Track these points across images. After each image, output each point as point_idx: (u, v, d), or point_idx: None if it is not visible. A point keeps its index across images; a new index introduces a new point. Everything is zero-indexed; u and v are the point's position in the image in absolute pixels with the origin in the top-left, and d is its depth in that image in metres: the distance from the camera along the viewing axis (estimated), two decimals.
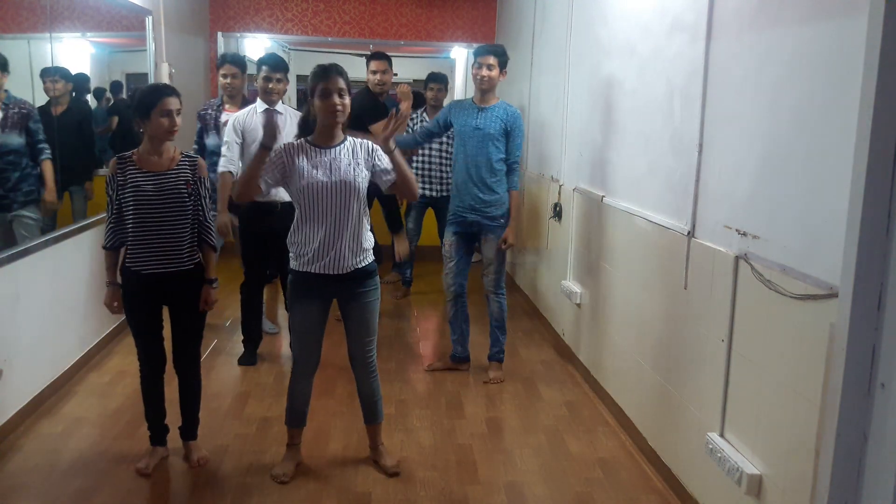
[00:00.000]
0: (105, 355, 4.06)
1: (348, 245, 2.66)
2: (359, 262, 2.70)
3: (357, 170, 2.66)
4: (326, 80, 2.60)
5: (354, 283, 2.73)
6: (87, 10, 4.34)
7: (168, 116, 2.64)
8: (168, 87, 2.78)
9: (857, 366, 1.72)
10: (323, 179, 2.61)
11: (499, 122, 3.70)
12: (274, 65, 3.78)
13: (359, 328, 2.80)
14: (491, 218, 3.78)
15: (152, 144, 2.70)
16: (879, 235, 1.67)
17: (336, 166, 2.64)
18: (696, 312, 2.61)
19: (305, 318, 2.76)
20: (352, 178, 2.63)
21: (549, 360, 4.22)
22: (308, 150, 2.66)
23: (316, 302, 2.76)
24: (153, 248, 2.70)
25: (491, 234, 3.80)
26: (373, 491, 2.77)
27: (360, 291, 2.75)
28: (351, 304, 2.78)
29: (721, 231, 2.43)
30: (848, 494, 1.77)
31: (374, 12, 6.63)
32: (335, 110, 2.60)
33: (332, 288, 2.74)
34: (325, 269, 2.66)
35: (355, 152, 2.69)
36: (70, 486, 2.73)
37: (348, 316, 2.81)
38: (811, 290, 1.92)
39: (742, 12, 2.32)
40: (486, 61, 3.67)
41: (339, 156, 2.66)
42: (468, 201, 3.77)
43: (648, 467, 2.98)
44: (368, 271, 2.75)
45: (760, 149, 2.19)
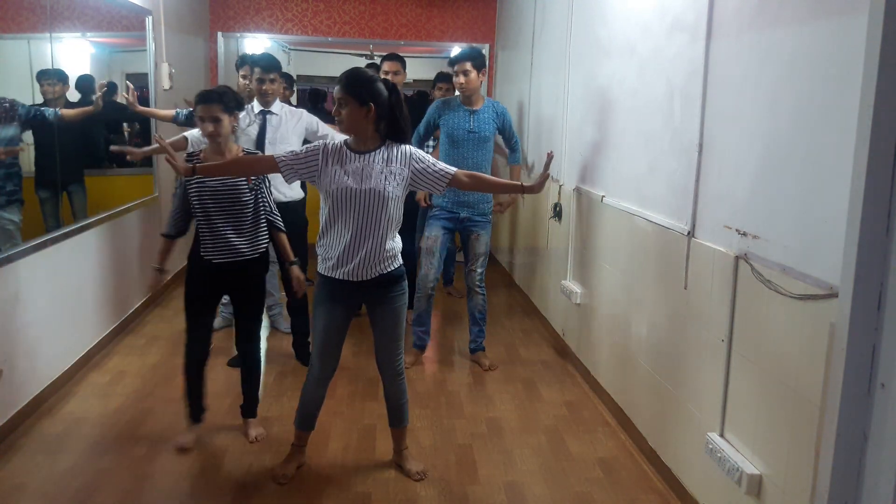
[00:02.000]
0: (105, 355, 4.06)
1: (373, 252, 2.61)
2: (384, 267, 2.66)
3: (389, 178, 2.60)
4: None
5: (380, 288, 2.69)
6: (87, 10, 4.34)
7: (211, 122, 2.82)
8: (211, 93, 2.88)
9: (857, 366, 1.72)
10: (352, 186, 2.57)
11: (492, 123, 3.86)
12: (267, 65, 3.75)
13: (387, 333, 2.77)
14: (482, 214, 3.97)
15: (212, 148, 2.93)
16: (879, 235, 1.67)
17: (367, 173, 2.58)
18: (695, 312, 2.61)
19: (328, 323, 2.72)
20: (382, 187, 2.58)
21: (549, 360, 4.22)
22: (344, 154, 2.62)
23: (339, 307, 2.73)
24: (219, 238, 2.91)
25: (482, 231, 3.99)
26: (373, 491, 2.77)
27: (388, 297, 2.71)
28: (377, 309, 2.75)
29: (721, 231, 2.43)
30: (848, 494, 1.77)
31: (373, 12, 6.63)
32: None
33: (357, 294, 2.71)
34: (349, 275, 2.63)
35: (390, 160, 2.62)
36: (70, 486, 2.73)
37: (375, 321, 2.78)
38: (811, 290, 1.92)
39: (742, 12, 2.32)
40: (463, 68, 3.79)
41: (371, 162, 2.60)
42: (461, 197, 3.87)
43: (648, 467, 2.98)
44: (395, 276, 2.71)
45: (760, 148, 2.19)
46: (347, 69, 2.63)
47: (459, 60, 3.79)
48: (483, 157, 3.85)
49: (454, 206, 3.91)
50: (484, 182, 2.86)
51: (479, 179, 2.81)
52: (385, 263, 2.66)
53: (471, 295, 4.11)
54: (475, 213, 3.94)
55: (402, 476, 2.88)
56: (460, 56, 3.82)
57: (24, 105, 3.52)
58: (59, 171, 3.69)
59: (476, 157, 3.81)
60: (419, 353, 4.13)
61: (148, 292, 2.92)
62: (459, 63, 3.78)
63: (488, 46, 6.82)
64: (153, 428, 3.22)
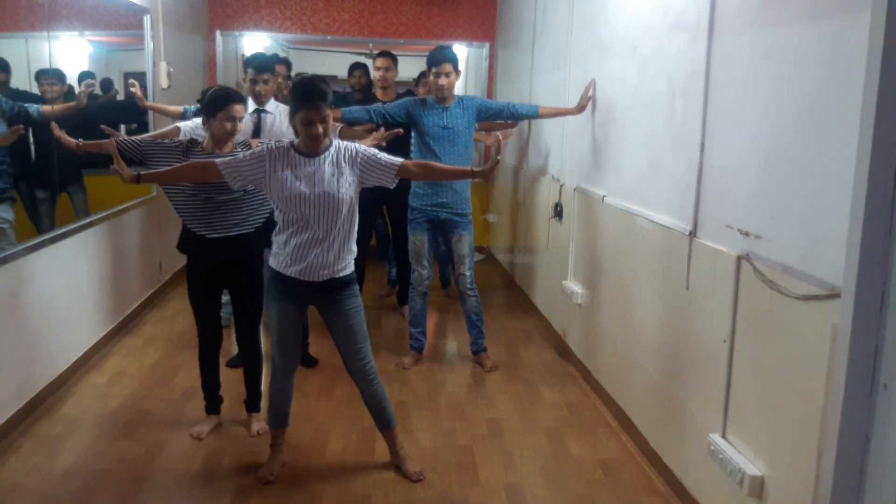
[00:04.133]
0: (103, 356, 4.05)
1: (326, 255, 2.60)
2: (336, 271, 2.64)
3: (341, 180, 2.58)
4: (309, 108, 2.49)
5: (330, 292, 2.67)
6: (85, 9, 4.33)
7: (231, 121, 2.87)
8: (237, 94, 2.93)
9: (859, 366, 1.71)
10: (305, 191, 2.54)
11: (463, 118, 3.88)
12: (260, 66, 3.74)
13: (345, 337, 2.74)
14: (461, 215, 3.98)
15: (214, 143, 2.94)
16: (882, 235, 1.66)
17: (319, 177, 2.56)
18: (697, 313, 2.60)
19: (282, 316, 2.72)
20: (335, 190, 2.56)
21: (550, 361, 4.21)
22: (292, 159, 2.58)
23: (290, 303, 2.71)
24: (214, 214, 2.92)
25: (463, 231, 3.99)
26: (372, 493, 2.76)
27: (337, 300, 2.69)
28: (330, 313, 2.73)
29: (723, 231, 2.42)
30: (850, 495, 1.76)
31: (373, 11, 6.61)
32: (313, 136, 2.53)
33: (307, 294, 2.69)
34: (300, 275, 2.61)
35: (339, 162, 2.60)
36: (68, 487, 2.72)
37: (331, 326, 2.76)
38: (813, 291, 1.91)
39: (744, 11, 2.31)
40: (444, 70, 3.81)
41: (322, 166, 2.58)
42: (440, 199, 3.90)
43: (650, 469, 2.97)
44: (345, 281, 2.68)
45: (762, 148, 2.18)
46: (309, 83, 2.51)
47: (441, 62, 3.79)
48: (458, 153, 3.85)
49: (432, 209, 3.93)
50: (434, 169, 2.89)
51: (428, 167, 2.85)
52: (335, 267, 2.64)
53: (463, 299, 4.08)
54: (454, 214, 3.94)
55: (402, 477, 2.87)
56: (441, 58, 3.80)
57: (6, 101, 3.49)
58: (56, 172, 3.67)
59: (451, 152, 3.83)
60: (417, 355, 4.11)
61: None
62: (441, 65, 3.79)
63: (488, 45, 6.81)
64: (152, 429, 3.21)
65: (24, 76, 3.65)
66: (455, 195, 3.91)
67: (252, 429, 3.19)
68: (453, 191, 3.89)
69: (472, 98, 4.03)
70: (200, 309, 3.13)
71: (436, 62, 3.80)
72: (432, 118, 3.85)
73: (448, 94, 3.87)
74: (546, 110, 4.08)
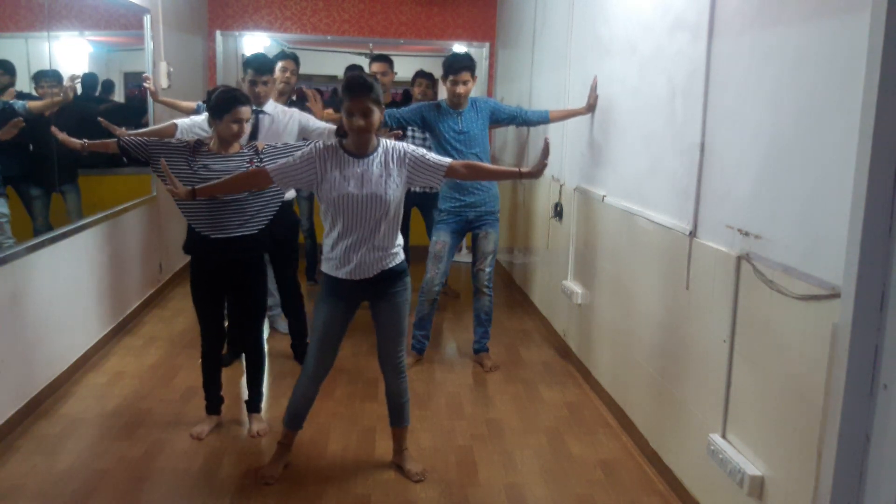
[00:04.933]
0: (103, 356, 4.05)
1: (375, 252, 2.61)
2: (386, 264, 2.65)
3: (389, 181, 2.58)
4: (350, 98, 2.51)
5: (383, 284, 2.68)
6: (85, 9, 4.33)
7: (238, 123, 2.90)
8: (243, 96, 2.96)
9: (859, 366, 1.71)
10: (353, 192, 2.55)
11: (477, 121, 3.88)
12: (259, 67, 3.72)
13: (389, 329, 2.76)
14: (490, 213, 3.99)
15: (220, 143, 2.96)
16: (882, 235, 1.66)
17: (367, 178, 2.56)
18: (697, 313, 2.60)
19: (329, 319, 2.71)
20: (383, 192, 2.56)
21: (550, 361, 4.20)
22: (341, 159, 2.59)
23: (341, 304, 2.71)
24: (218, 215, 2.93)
25: (490, 229, 4.00)
26: (372, 493, 2.75)
27: (390, 292, 2.70)
28: (380, 304, 2.73)
29: (723, 231, 2.42)
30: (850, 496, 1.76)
31: (373, 11, 6.61)
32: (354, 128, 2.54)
33: (360, 291, 2.70)
34: (351, 275, 2.62)
35: (387, 163, 2.60)
36: (68, 488, 2.72)
37: (377, 317, 2.77)
38: (813, 291, 1.90)
39: (744, 11, 2.31)
40: (463, 78, 3.81)
41: (370, 167, 2.58)
42: (468, 199, 3.90)
43: (650, 469, 2.97)
44: (398, 272, 2.70)
45: (762, 148, 2.18)
46: (356, 76, 2.56)
47: (460, 71, 3.79)
48: (475, 156, 3.86)
49: (461, 209, 3.92)
50: (481, 170, 2.86)
51: (475, 168, 2.81)
52: (387, 260, 2.66)
53: (478, 296, 4.09)
54: (484, 212, 3.96)
55: (402, 477, 2.87)
56: (460, 66, 3.80)
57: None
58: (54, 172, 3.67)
59: (469, 156, 3.84)
60: (417, 357, 4.11)
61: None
62: (460, 73, 3.79)
63: (488, 45, 6.81)
64: (151, 429, 3.21)
65: (24, 76, 3.65)
66: (483, 193, 3.91)
67: (252, 429, 3.19)
68: (481, 189, 3.89)
69: (486, 100, 4.01)
70: (203, 309, 3.13)
71: (454, 70, 3.79)
72: (448, 123, 3.85)
73: (464, 101, 3.87)
74: (556, 114, 4.06)
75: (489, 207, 3.96)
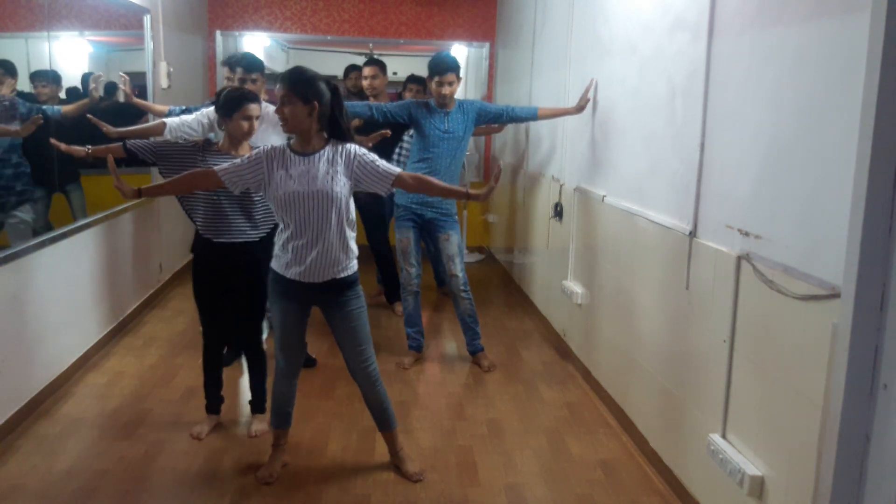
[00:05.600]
0: (103, 356, 4.05)
1: (326, 256, 2.58)
2: (337, 272, 2.63)
3: (336, 178, 2.56)
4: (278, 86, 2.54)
5: (332, 292, 2.66)
6: (85, 9, 4.33)
7: (248, 120, 2.93)
8: (252, 93, 2.98)
9: (859, 366, 1.71)
10: (298, 189, 2.53)
11: (462, 123, 3.91)
12: (249, 65, 3.70)
13: (347, 338, 2.73)
14: (447, 214, 4.00)
15: (231, 142, 2.98)
16: (882, 235, 1.65)
17: (313, 175, 2.54)
18: (697, 313, 2.60)
19: (285, 317, 2.71)
20: (328, 188, 2.54)
21: (550, 361, 4.20)
22: (287, 158, 2.58)
23: (293, 304, 2.70)
24: (222, 219, 2.95)
25: (450, 230, 4.01)
26: (372, 493, 2.75)
27: (340, 301, 2.67)
28: (332, 313, 2.71)
29: (723, 231, 2.42)
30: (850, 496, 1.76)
31: (373, 11, 6.61)
32: (282, 121, 2.55)
33: (309, 295, 2.68)
34: (301, 276, 2.61)
35: (334, 160, 2.58)
36: (68, 488, 2.72)
37: (334, 327, 2.75)
38: (813, 291, 1.90)
39: (744, 11, 2.31)
40: (448, 79, 3.84)
41: (315, 164, 2.57)
42: (425, 197, 3.90)
43: (650, 469, 2.97)
44: (348, 282, 2.67)
45: (762, 148, 2.18)
46: (291, 67, 2.59)
47: (445, 72, 3.80)
48: (455, 157, 3.91)
49: (418, 207, 3.95)
50: (429, 185, 2.76)
51: (424, 182, 2.74)
52: (337, 268, 2.62)
53: (457, 302, 4.06)
54: (440, 214, 3.96)
55: (402, 478, 2.87)
56: (445, 67, 3.81)
57: (24, 103, 3.52)
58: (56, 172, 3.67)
59: (449, 156, 3.88)
60: (417, 354, 4.11)
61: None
62: (445, 75, 3.81)
63: (488, 45, 6.81)
64: (152, 429, 3.21)
65: (24, 77, 3.65)
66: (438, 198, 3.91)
67: (252, 429, 3.19)
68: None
69: (472, 102, 4.04)
70: (205, 309, 3.14)
71: (439, 71, 3.81)
72: (434, 122, 3.87)
73: (450, 101, 3.90)
74: (545, 111, 4.08)
75: (445, 209, 3.96)
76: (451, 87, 3.84)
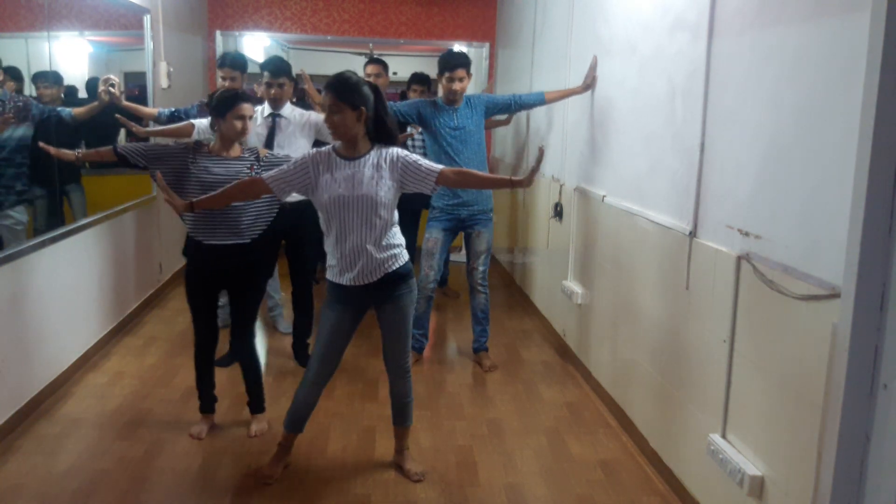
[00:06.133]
0: (103, 356, 4.05)
1: (374, 256, 2.60)
2: (388, 267, 2.65)
3: (380, 183, 2.58)
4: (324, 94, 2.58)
5: (387, 288, 2.68)
6: (85, 9, 4.33)
7: (241, 120, 2.92)
8: (245, 94, 2.99)
9: (859, 366, 1.71)
10: (344, 193, 2.55)
11: (471, 117, 3.91)
12: (275, 70, 3.72)
13: (394, 331, 2.76)
14: (482, 212, 3.99)
15: (223, 143, 2.97)
16: (882, 235, 1.65)
17: (358, 180, 2.56)
18: (697, 313, 2.60)
19: (336, 326, 2.72)
20: (374, 192, 2.56)
21: (550, 361, 4.20)
22: (333, 162, 2.60)
23: (349, 311, 2.72)
24: (215, 221, 2.92)
25: (483, 228, 4.01)
26: (372, 493, 2.75)
27: (395, 295, 2.69)
28: (385, 307, 2.73)
29: (723, 231, 2.42)
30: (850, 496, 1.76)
31: (373, 11, 6.61)
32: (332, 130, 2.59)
33: (365, 296, 2.70)
34: (354, 281, 2.63)
35: (379, 164, 2.60)
36: (68, 488, 2.72)
37: (382, 319, 2.76)
38: (813, 291, 1.90)
39: (744, 11, 2.31)
40: (458, 75, 3.85)
41: (361, 168, 2.58)
42: (461, 197, 3.90)
43: (650, 469, 2.97)
44: (401, 274, 2.69)
45: (762, 148, 2.18)
46: (334, 75, 2.60)
47: (455, 68, 3.82)
48: (471, 151, 3.89)
49: (454, 208, 3.94)
50: (471, 177, 2.80)
51: (466, 175, 2.78)
52: (388, 264, 2.65)
53: (473, 294, 4.10)
54: (476, 211, 3.97)
55: (402, 477, 2.87)
56: (456, 63, 3.83)
57: (37, 105, 3.52)
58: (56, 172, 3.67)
59: (465, 152, 3.87)
60: (417, 355, 4.11)
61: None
62: (455, 71, 3.82)
63: (488, 45, 6.81)
64: (152, 429, 3.21)
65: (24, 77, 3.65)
66: (476, 192, 3.92)
67: (251, 429, 3.19)
68: (465, 191, 3.89)
69: (479, 96, 4.05)
70: (197, 310, 3.14)
71: (450, 67, 3.82)
72: (443, 120, 3.87)
73: (460, 98, 3.90)
74: (552, 94, 4.08)
75: (482, 206, 3.97)
76: (462, 84, 3.85)
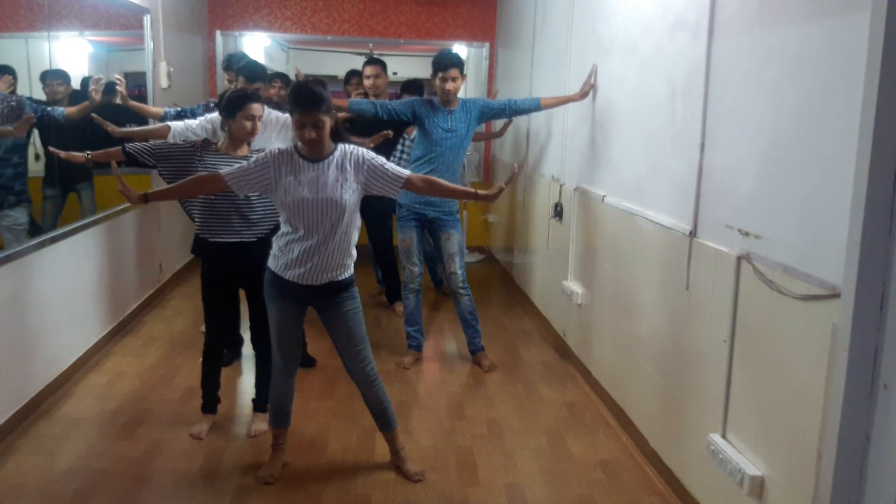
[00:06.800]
0: (103, 356, 4.05)
1: (328, 260, 2.59)
2: (335, 275, 2.64)
3: (345, 186, 2.56)
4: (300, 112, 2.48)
5: (328, 294, 2.66)
6: (85, 9, 4.33)
7: (251, 120, 2.93)
8: (255, 94, 3.00)
9: (859, 366, 1.71)
10: (308, 197, 2.53)
11: (465, 122, 3.92)
12: (251, 75, 3.72)
13: (344, 339, 2.73)
14: (449, 213, 4.01)
15: (232, 142, 2.99)
16: (882, 235, 1.66)
17: (322, 182, 2.54)
18: (697, 313, 2.60)
19: (282, 317, 2.71)
20: (338, 196, 2.54)
21: (550, 361, 4.20)
22: (296, 164, 2.57)
23: (290, 304, 2.70)
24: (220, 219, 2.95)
25: (451, 230, 4.02)
26: (372, 493, 2.75)
27: (335, 301, 2.68)
28: (327, 315, 2.72)
29: (723, 231, 2.42)
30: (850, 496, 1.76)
31: (373, 10, 6.61)
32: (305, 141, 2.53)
33: (305, 296, 2.69)
34: (299, 278, 2.61)
35: (343, 166, 2.58)
36: (68, 488, 2.72)
37: (330, 328, 2.75)
38: (813, 291, 1.90)
39: (744, 10, 2.31)
40: (451, 75, 3.84)
41: (325, 171, 2.56)
42: (427, 197, 3.88)
43: (650, 469, 2.97)
44: (344, 284, 2.68)
45: (762, 148, 2.18)
46: (304, 87, 2.51)
47: (448, 67, 3.82)
48: (457, 156, 3.92)
49: (421, 206, 3.96)
50: (438, 187, 2.77)
51: (433, 184, 2.76)
52: (336, 272, 2.63)
53: (456, 299, 4.07)
54: (442, 213, 3.98)
55: (402, 477, 2.87)
56: (448, 63, 3.83)
57: (31, 104, 3.52)
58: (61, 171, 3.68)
59: (451, 155, 3.89)
60: (417, 354, 4.11)
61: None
62: (448, 70, 3.82)
63: (488, 45, 6.81)
64: (152, 429, 3.21)
65: (24, 77, 3.65)
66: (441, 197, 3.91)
67: (252, 429, 3.19)
68: None
69: (475, 101, 4.05)
70: (210, 308, 3.16)
71: (443, 67, 3.82)
72: (437, 120, 3.88)
73: (454, 98, 3.91)
74: (548, 101, 4.08)
75: (447, 207, 3.98)
76: (455, 84, 3.85)
